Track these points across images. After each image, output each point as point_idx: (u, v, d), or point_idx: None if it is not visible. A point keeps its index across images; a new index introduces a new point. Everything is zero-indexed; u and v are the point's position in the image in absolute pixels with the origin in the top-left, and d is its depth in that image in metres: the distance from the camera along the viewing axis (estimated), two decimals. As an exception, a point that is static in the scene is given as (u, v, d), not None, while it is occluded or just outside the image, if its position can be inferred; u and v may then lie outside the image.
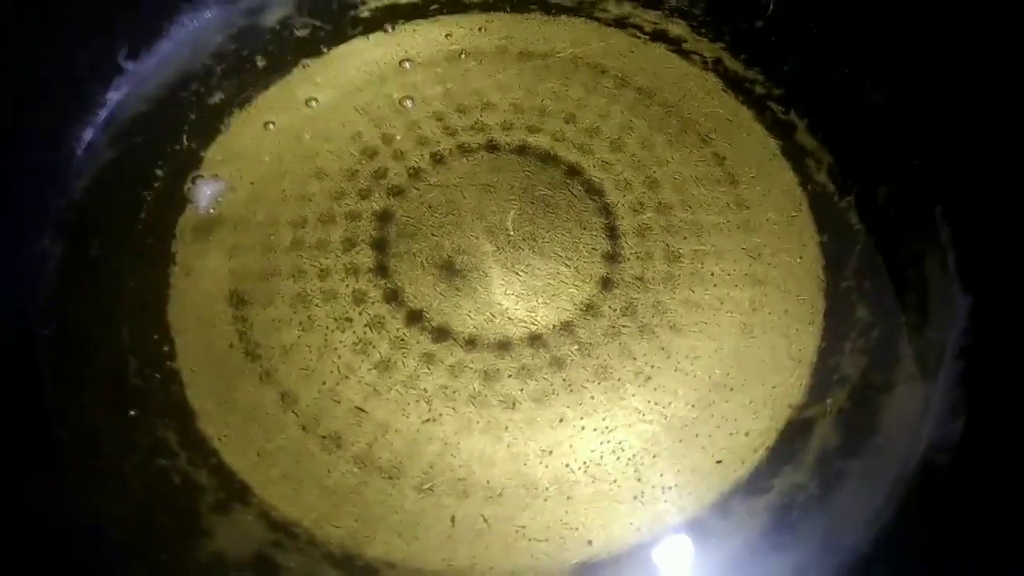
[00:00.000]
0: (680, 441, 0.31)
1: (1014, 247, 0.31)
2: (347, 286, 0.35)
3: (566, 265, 0.35)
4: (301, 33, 0.42)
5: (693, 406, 0.32)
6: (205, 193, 0.37)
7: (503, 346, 0.34)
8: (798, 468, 0.30)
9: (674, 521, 0.30)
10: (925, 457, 0.29)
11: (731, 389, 0.32)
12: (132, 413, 0.32)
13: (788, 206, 0.36)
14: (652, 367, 0.33)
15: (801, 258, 0.35)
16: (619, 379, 0.33)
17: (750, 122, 0.39)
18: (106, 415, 0.32)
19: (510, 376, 0.33)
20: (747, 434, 0.31)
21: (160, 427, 0.32)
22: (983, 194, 0.33)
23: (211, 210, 0.37)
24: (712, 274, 0.35)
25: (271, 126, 0.39)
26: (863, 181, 0.36)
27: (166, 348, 0.34)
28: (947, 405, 0.30)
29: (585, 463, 0.31)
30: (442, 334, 0.34)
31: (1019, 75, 0.32)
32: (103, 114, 0.39)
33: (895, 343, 0.32)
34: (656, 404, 0.32)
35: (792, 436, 0.31)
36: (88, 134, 0.38)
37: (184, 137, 0.39)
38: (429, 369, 0.33)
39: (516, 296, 0.35)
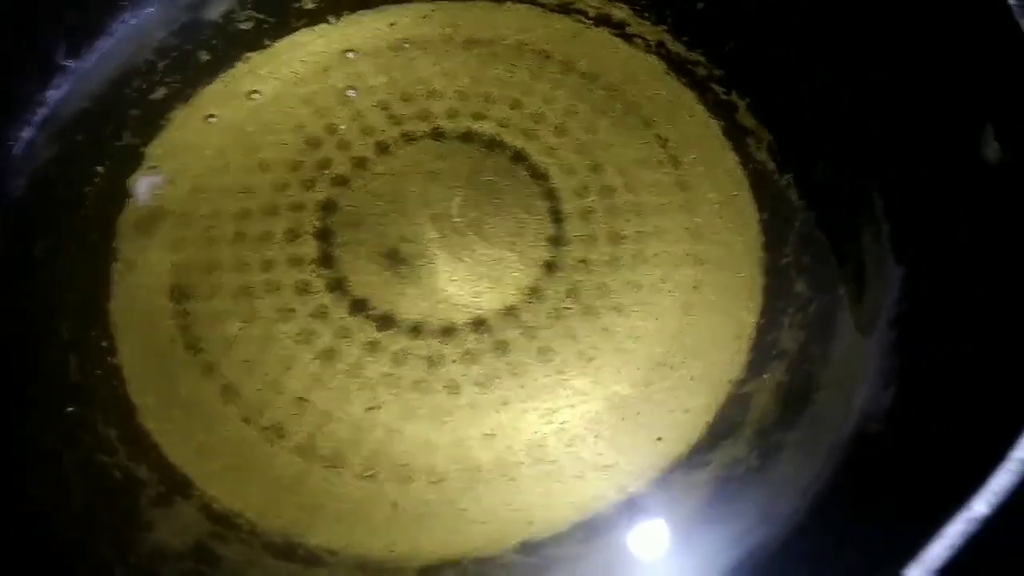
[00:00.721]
0: (622, 419, 0.32)
1: (945, 218, 0.31)
2: (290, 277, 0.35)
3: (511, 250, 0.36)
4: (245, 26, 0.42)
5: (635, 385, 0.32)
6: (146, 188, 0.37)
7: (447, 332, 0.34)
8: (737, 442, 0.30)
9: (615, 498, 0.30)
10: (858, 426, 0.29)
11: (672, 367, 0.33)
12: (71, 409, 0.32)
13: (729, 185, 0.37)
14: (595, 348, 0.33)
15: (742, 236, 0.35)
16: (562, 361, 0.33)
17: (692, 104, 0.39)
18: (46, 413, 0.32)
19: (454, 361, 0.33)
20: (687, 411, 0.32)
21: (101, 423, 0.32)
22: (916, 168, 0.33)
23: (152, 204, 0.37)
24: (655, 255, 0.35)
25: (212, 119, 0.39)
26: (802, 159, 0.36)
27: (107, 344, 0.33)
28: (879, 374, 0.30)
29: (527, 445, 0.31)
30: (386, 322, 0.34)
31: (948, 55, 0.32)
32: (43, 113, 0.38)
33: (832, 316, 0.33)
34: (598, 384, 0.32)
35: (731, 411, 0.31)
36: (27, 133, 0.38)
37: (126, 133, 0.38)
38: (373, 357, 0.33)
39: (461, 282, 0.35)
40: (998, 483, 0.20)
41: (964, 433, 0.26)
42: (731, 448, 0.30)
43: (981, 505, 0.20)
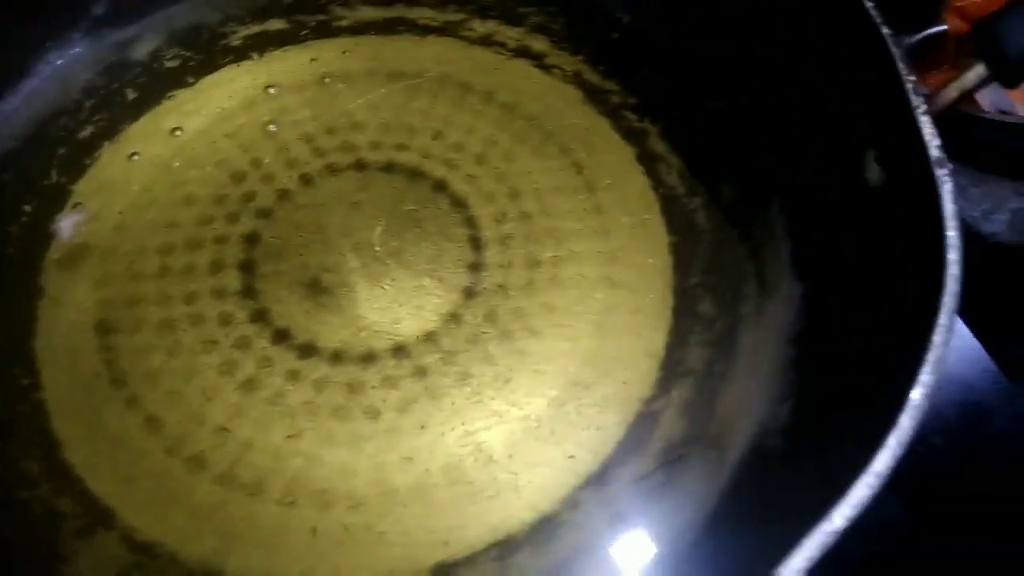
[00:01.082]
0: (536, 439, 0.33)
1: (840, 235, 0.32)
2: (213, 309, 0.36)
3: (431, 277, 0.36)
4: (171, 64, 0.42)
5: (549, 405, 0.33)
6: (67, 224, 0.37)
7: (367, 358, 0.35)
8: (644, 458, 0.32)
9: (527, 516, 0.31)
10: (758, 440, 0.30)
11: (586, 387, 0.34)
12: (-11, 446, 0.32)
13: (641, 210, 0.38)
14: (511, 370, 0.34)
15: (653, 259, 0.37)
16: (479, 384, 0.34)
17: (607, 131, 0.40)
18: (-32, 450, 0.32)
19: (373, 387, 0.34)
20: (599, 429, 0.33)
21: (23, 458, 0.32)
22: (814, 188, 0.34)
23: (77, 241, 0.37)
24: (570, 278, 0.36)
25: (136, 157, 0.39)
26: (709, 182, 0.38)
27: (30, 380, 0.34)
28: (778, 390, 0.31)
29: (444, 467, 0.32)
30: (307, 350, 0.35)
31: (835, 85, 0.34)
32: (-32, 153, 0.39)
33: (736, 334, 0.34)
34: (514, 406, 0.33)
35: (640, 428, 0.32)
36: (-48, 173, 0.38)
37: (53, 172, 0.39)
38: (294, 385, 0.34)
39: (381, 309, 0.36)
40: (856, 496, 0.21)
41: (846, 447, 0.27)
42: (638, 464, 0.31)
43: (839, 517, 0.21)
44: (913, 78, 0.29)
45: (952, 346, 0.24)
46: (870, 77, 0.30)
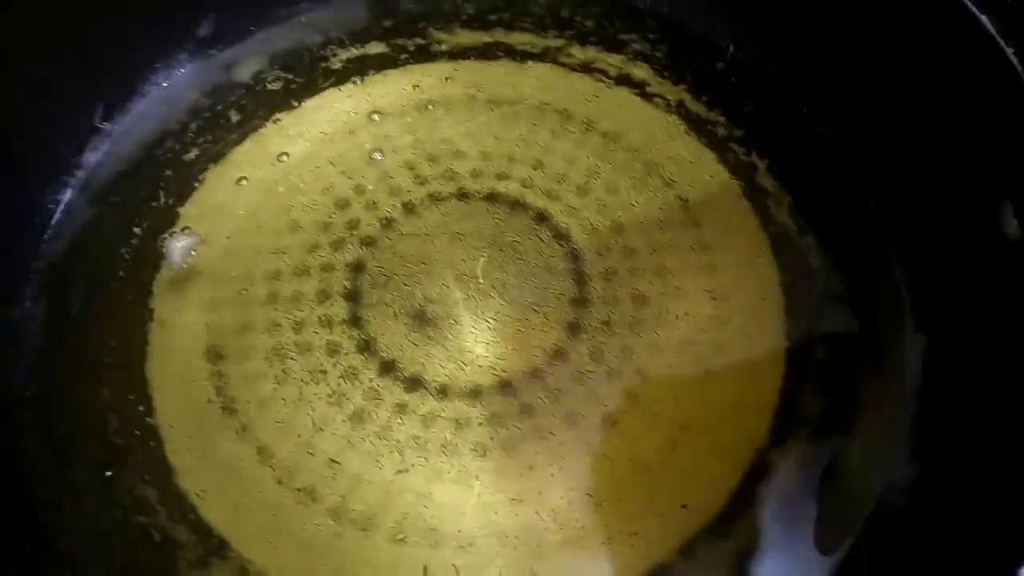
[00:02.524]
0: (647, 486, 0.32)
1: (968, 288, 0.32)
2: (321, 338, 0.36)
3: (535, 311, 0.36)
4: (273, 86, 0.43)
5: (659, 450, 0.33)
6: (180, 248, 0.38)
7: (474, 394, 0.35)
8: (761, 511, 0.31)
9: (641, 567, 0.31)
10: (882, 499, 0.30)
11: (695, 432, 0.33)
12: (108, 473, 0.33)
13: (750, 248, 0.37)
14: (619, 412, 0.34)
15: (763, 299, 0.36)
16: (587, 424, 0.34)
17: (712, 164, 0.40)
18: (87, 475, 0.33)
19: (480, 424, 0.34)
20: (712, 477, 0.32)
21: (140, 484, 0.33)
22: (937, 234, 0.33)
23: (185, 265, 0.38)
24: (676, 317, 0.36)
25: (244, 181, 0.40)
26: (822, 221, 0.37)
27: (144, 406, 0.34)
28: (903, 447, 0.30)
29: (554, 510, 0.32)
30: (414, 383, 0.35)
31: (971, 114, 0.33)
32: (80, 175, 0.40)
33: (853, 384, 0.33)
34: (623, 449, 0.33)
35: (755, 479, 0.32)
36: (66, 195, 0.39)
37: (161, 194, 0.40)
38: (402, 419, 0.34)
39: (486, 344, 0.36)
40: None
41: (988, 513, 0.26)
42: (754, 517, 0.31)
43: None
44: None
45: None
46: (1011, 124, 0.29)
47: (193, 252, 0.38)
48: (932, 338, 0.32)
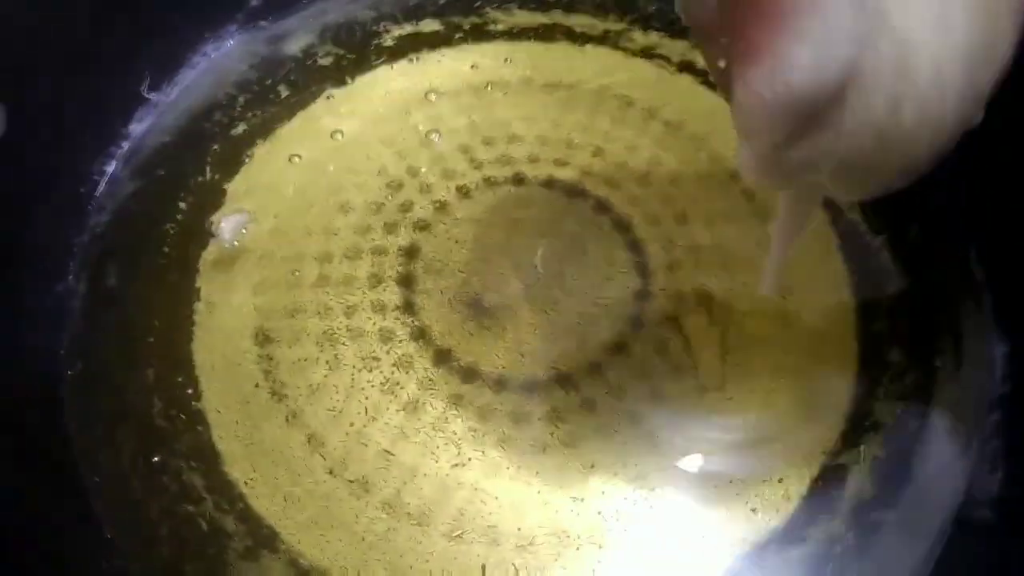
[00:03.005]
0: (714, 487, 0.31)
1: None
2: (374, 324, 0.35)
3: (595, 304, 0.35)
4: (324, 62, 0.41)
5: (727, 451, 0.32)
6: (229, 226, 0.37)
7: (532, 387, 0.33)
8: (833, 518, 0.30)
9: (709, 572, 0.29)
10: (964, 510, 0.29)
11: (764, 434, 0.32)
12: (155, 459, 0.32)
13: (819, 244, 0.36)
14: (686, 411, 0.33)
15: (834, 298, 0.35)
16: (653, 424, 0.32)
17: (779, 157, 0.38)
18: (132, 458, 0.32)
19: (540, 419, 0.33)
20: (780, 481, 0.31)
21: (186, 470, 0.32)
22: (1020, 233, 0.32)
23: (235, 243, 0.36)
24: (743, 314, 0.35)
25: (296, 159, 0.38)
26: (895, 219, 0.36)
27: (191, 389, 0.33)
28: (985, 456, 0.29)
29: (617, 511, 0.31)
30: (471, 374, 0.34)
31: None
32: (125, 146, 0.38)
33: (930, 389, 0.32)
34: (689, 450, 0.32)
35: (827, 484, 0.31)
36: (110, 167, 0.38)
37: (207, 169, 0.38)
38: (458, 411, 0.33)
39: (545, 336, 0.34)
40: None
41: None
42: (827, 524, 0.30)
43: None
44: None
45: None
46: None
47: (244, 230, 0.37)
48: (1014, 343, 0.31)
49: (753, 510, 0.31)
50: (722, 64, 0.21)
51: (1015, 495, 0.28)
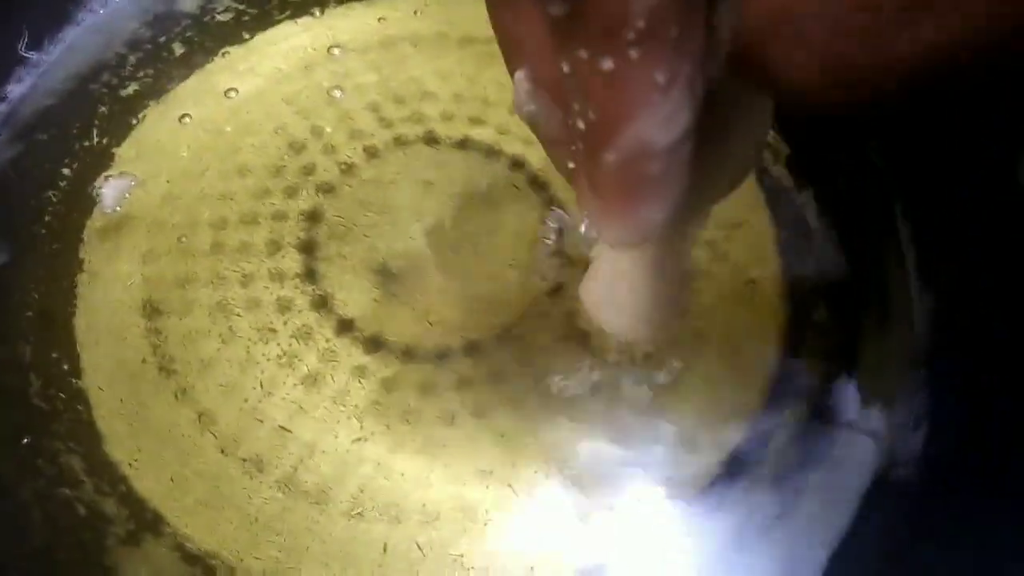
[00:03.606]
0: (628, 456, 0.29)
1: (977, 247, 0.29)
2: (271, 293, 0.32)
3: (510, 266, 0.33)
4: (223, 18, 0.39)
5: (643, 415, 0.30)
6: (114, 192, 0.34)
7: (441, 356, 0.31)
8: (755, 484, 0.28)
9: (621, 543, 0.28)
10: (885, 470, 0.27)
11: (685, 398, 0.30)
12: (28, 440, 0.29)
13: (744, 203, 0.34)
14: (600, 376, 0.31)
15: (758, 257, 0.33)
16: (564, 390, 0.31)
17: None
18: (4, 440, 0.29)
19: (448, 390, 0.31)
20: (700, 449, 0.29)
21: (64, 452, 0.29)
22: (943, 187, 0.31)
23: (117, 208, 0.34)
24: (664, 275, 0.33)
25: (187, 119, 0.36)
26: (821, 175, 0.34)
27: (71, 365, 0.31)
28: (908, 415, 0.28)
29: (528, 483, 0.29)
30: (375, 344, 0.32)
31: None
32: (2, 109, 0.35)
33: (854, 347, 0.31)
34: (604, 417, 0.30)
35: (749, 449, 0.29)
36: (-15, 130, 0.35)
37: (94, 132, 0.36)
38: (361, 383, 0.31)
39: (455, 302, 0.32)
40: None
41: (998, 481, 0.24)
42: (748, 488, 0.28)
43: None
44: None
45: None
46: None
47: (128, 195, 0.34)
48: (940, 300, 0.30)
49: (669, 477, 0.29)
50: (571, 165, 0.19)
51: (937, 453, 0.26)
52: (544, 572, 0.28)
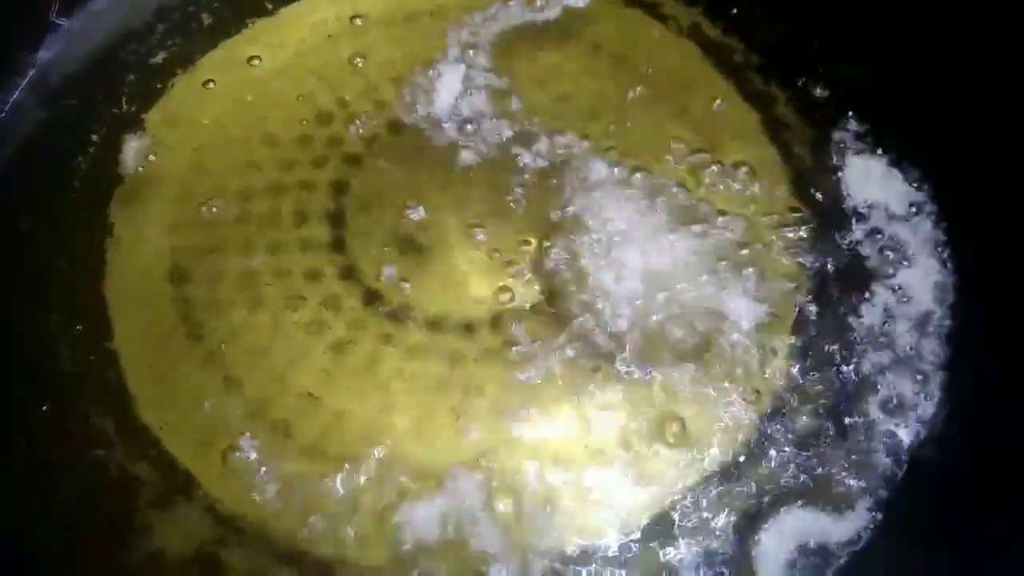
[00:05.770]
0: (656, 426, 0.30)
1: (1006, 225, 0.29)
2: (300, 263, 0.33)
3: (536, 236, 0.33)
4: (250, -12, 0.39)
5: (676, 390, 0.30)
6: (131, 152, 0.34)
7: (467, 328, 0.32)
8: (777, 459, 0.29)
9: (649, 512, 0.28)
10: (908, 450, 0.28)
11: (705, 366, 0.31)
12: (61, 403, 0.29)
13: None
14: (630, 340, 0.31)
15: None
16: (588, 362, 0.31)
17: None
18: (37, 402, 0.30)
19: (475, 360, 0.31)
20: (729, 418, 0.30)
21: (95, 414, 0.30)
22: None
23: (149, 177, 0.34)
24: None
25: (212, 84, 0.36)
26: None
27: (101, 329, 0.31)
28: (933, 395, 0.28)
29: (554, 456, 0.29)
30: (402, 314, 0.32)
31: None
32: (32, 74, 0.35)
33: (881, 328, 0.31)
34: (642, 380, 0.30)
35: (772, 423, 0.29)
36: (14, 96, 0.35)
37: (123, 100, 0.36)
38: (388, 352, 0.31)
39: (481, 274, 0.33)
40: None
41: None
42: (771, 465, 0.29)
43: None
44: None
45: None
46: None
47: (152, 157, 0.34)
48: (963, 276, 0.30)
49: (699, 451, 0.29)
50: None
51: (961, 437, 0.27)
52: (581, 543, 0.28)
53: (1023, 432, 0.25)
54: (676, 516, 0.28)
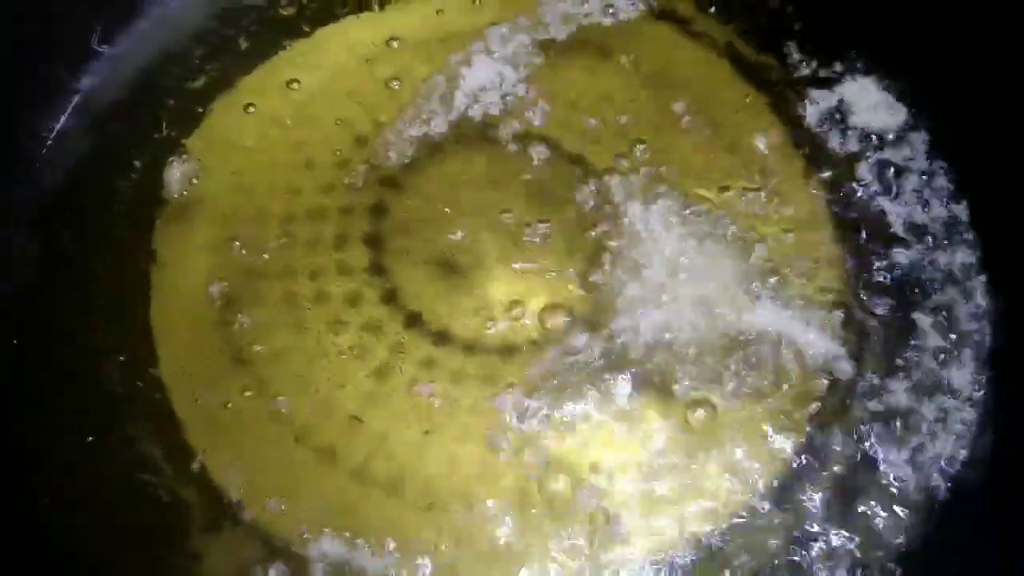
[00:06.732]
0: (700, 451, 0.30)
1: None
2: (340, 286, 0.33)
3: (572, 262, 0.33)
4: (287, 12, 0.39)
5: (725, 415, 0.30)
6: (176, 176, 0.35)
7: (507, 351, 0.32)
8: (817, 483, 0.29)
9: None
10: (954, 471, 0.28)
11: (759, 394, 0.31)
12: (103, 428, 0.30)
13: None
14: (665, 372, 0.31)
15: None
16: (623, 383, 0.31)
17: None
18: (82, 427, 0.30)
19: (513, 384, 0.31)
20: (773, 447, 0.30)
21: (143, 439, 0.30)
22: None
23: (188, 197, 0.35)
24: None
25: (252, 109, 0.36)
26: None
27: (147, 354, 0.32)
28: (976, 419, 0.28)
29: (598, 476, 0.30)
30: (443, 337, 0.32)
31: None
32: (76, 101, 0.36)
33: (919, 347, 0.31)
34: (700, 402, 0.30)
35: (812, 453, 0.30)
36: (60, 123, 0.36)
37: (163, 124, 0.36)
38: (430, 376, 0.31)
39: (520, 297, 0.33)
40: None
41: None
42: (815, 485, 0.29)
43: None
44: None
45: None
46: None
47: (195, 180, 0.35)
48: (1010, 299, 0.30)
49: (735, 474, 0.29)
50: None
51: (1007, 456, 0.27)
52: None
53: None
54: (726, 538, 0.28)
